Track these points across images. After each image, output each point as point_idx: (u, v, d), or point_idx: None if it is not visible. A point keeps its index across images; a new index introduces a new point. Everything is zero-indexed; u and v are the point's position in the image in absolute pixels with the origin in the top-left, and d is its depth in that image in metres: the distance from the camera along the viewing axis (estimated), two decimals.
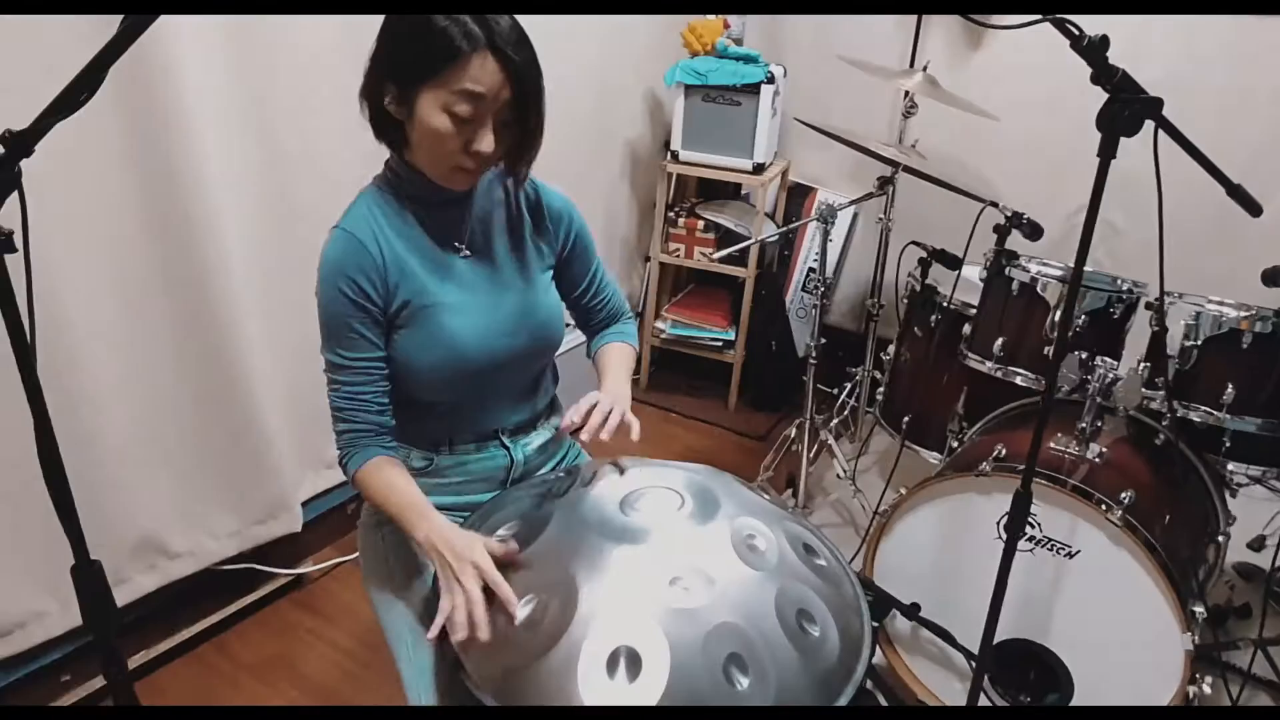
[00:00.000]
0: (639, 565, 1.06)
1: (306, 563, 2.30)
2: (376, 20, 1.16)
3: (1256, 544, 2.55)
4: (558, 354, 1.44)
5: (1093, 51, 1.20)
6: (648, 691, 0.95)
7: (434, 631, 1.04)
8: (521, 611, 1.03)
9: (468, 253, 1.27)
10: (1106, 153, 1.26)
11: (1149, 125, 1.24)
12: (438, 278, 1.23)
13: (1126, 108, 1.21)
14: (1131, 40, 2.62)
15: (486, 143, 1.13)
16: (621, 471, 1.24)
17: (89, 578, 0.97)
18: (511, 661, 1.01)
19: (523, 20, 1.16)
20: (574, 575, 1.04)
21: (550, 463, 1.46)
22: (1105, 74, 1.21)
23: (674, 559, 1.07)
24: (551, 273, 1.38)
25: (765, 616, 1.03)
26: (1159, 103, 1.22)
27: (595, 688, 0.95)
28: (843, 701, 1.02)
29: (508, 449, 1.36)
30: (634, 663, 0.97)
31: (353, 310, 1.18)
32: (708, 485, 1.20)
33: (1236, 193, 1.37)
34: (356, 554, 1.43)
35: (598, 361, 1.45)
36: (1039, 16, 1.22)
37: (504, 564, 1.08)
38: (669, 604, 1.01)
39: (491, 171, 1.27)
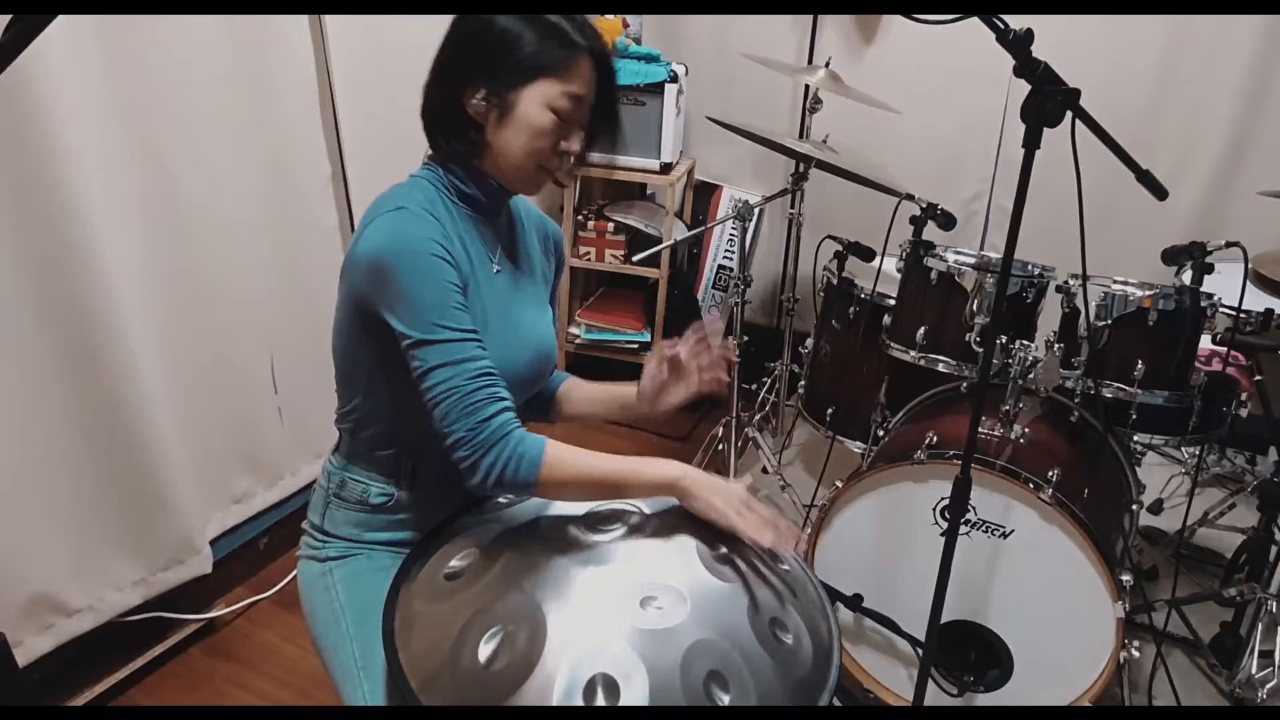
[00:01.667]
0: (607, 588, 1.01)
1: (218, 605, 2.14)
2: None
3: (1156, 508, 2.70)
4: None
5: (1017, 45, 1.22)
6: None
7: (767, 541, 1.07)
8: (486, 647, 0.97)
9: (499, 268, 1.22)
10: (1032, 143, 1.28)
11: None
12: (479, 288, 1.16)
13: (1049, 99, 1.24)
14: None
15: (576, 143, 1.15)
16: None
17: None
18: (480, 699, 0.94)
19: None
20: (540, 603, 0.99)
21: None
22: (1029, 67, 1.23)
23: (643, 579, 1.02)
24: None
25: (740, 630, 1.00)
26: (1077, 94, 1.26)
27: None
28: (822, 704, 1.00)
29: None
30: (611, 690, 0.92)
31: (454, 273, 1.07)
32: (666, 499, 1.16)
33: (1146, 178, 1.44)
34: (273, 591, 1.32)
35: (579, 397, 1.42)
36: (959, 16, 1.24)
37: (483, 575, 1.05)
38: (642, 626, 0.97)
39: None
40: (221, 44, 1.89)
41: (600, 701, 0.92)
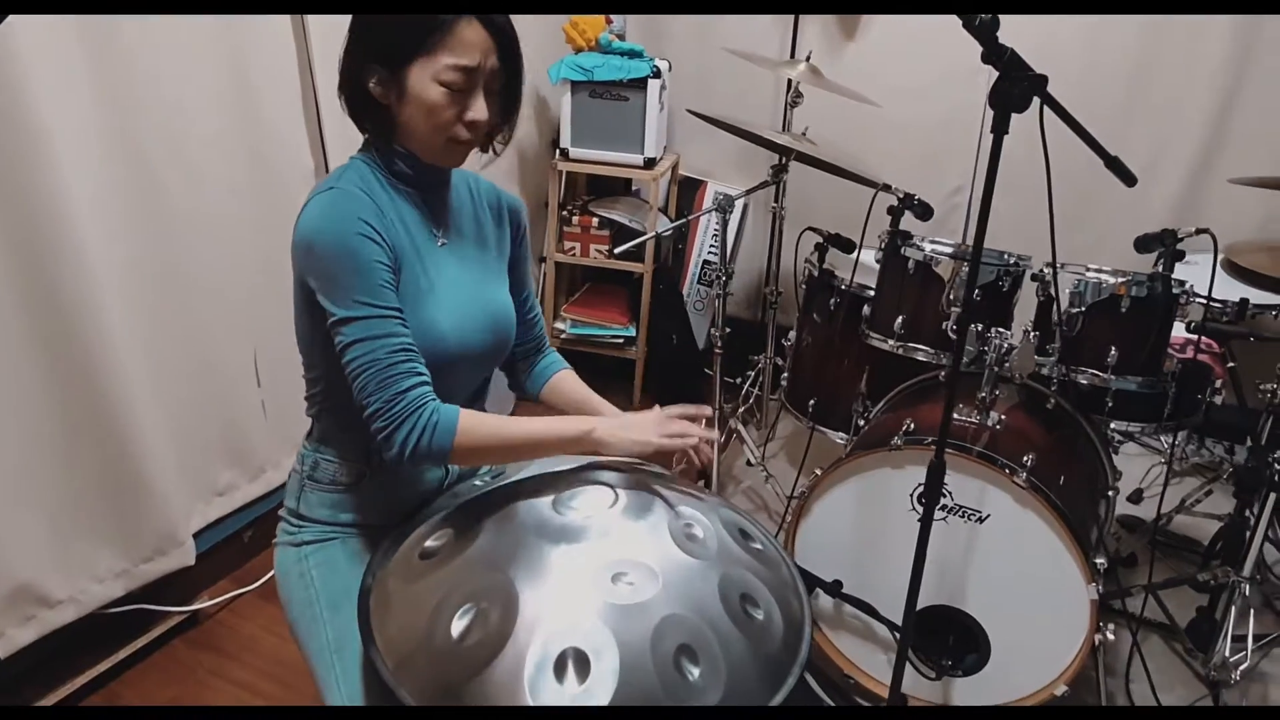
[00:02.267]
0: (579, 564, 1.03)
1: (201, 598, 2.15)
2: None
3: (1135, 497, 2.73)
4: None
5: (983, 31, 1.24)
6: (599, 692, 0.92)
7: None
8: (459, 623, 0.98)
9: (444, 241, 1.23)
10: (1000, 128, 1.30)
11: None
12: (422, 262, 1.18)
13: (1016, 85, 1.25)
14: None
15: (480, 109, 1.14)
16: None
17: None
18: (453, 676, 0.95)
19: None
20: (513, 580, 1.00)
21: (483, 469, 1.41)
22: (995, 53, 1.25)
23: (614, 555, 1.04)
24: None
25: (711, 605, 1.02)
26: (1044, 80, 1.28)
27: (545, 694, 0.92)
28: (790, 681, 1.01)
29: None
30: (582, 664, 0.94)
31: (380, 251, 1.09)
32: (639, 479, 1.17)
33: (1114, 165, 1.46)
34: (257, 584, 1.33)
35: (561, 391, 1.47)
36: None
37: (457, 554, 1.07)
38: (614, 601, 0.98)
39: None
40: (204, 41, 1.90)
41: (571, 675, 0.93)
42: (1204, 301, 1.88)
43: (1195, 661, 2.03)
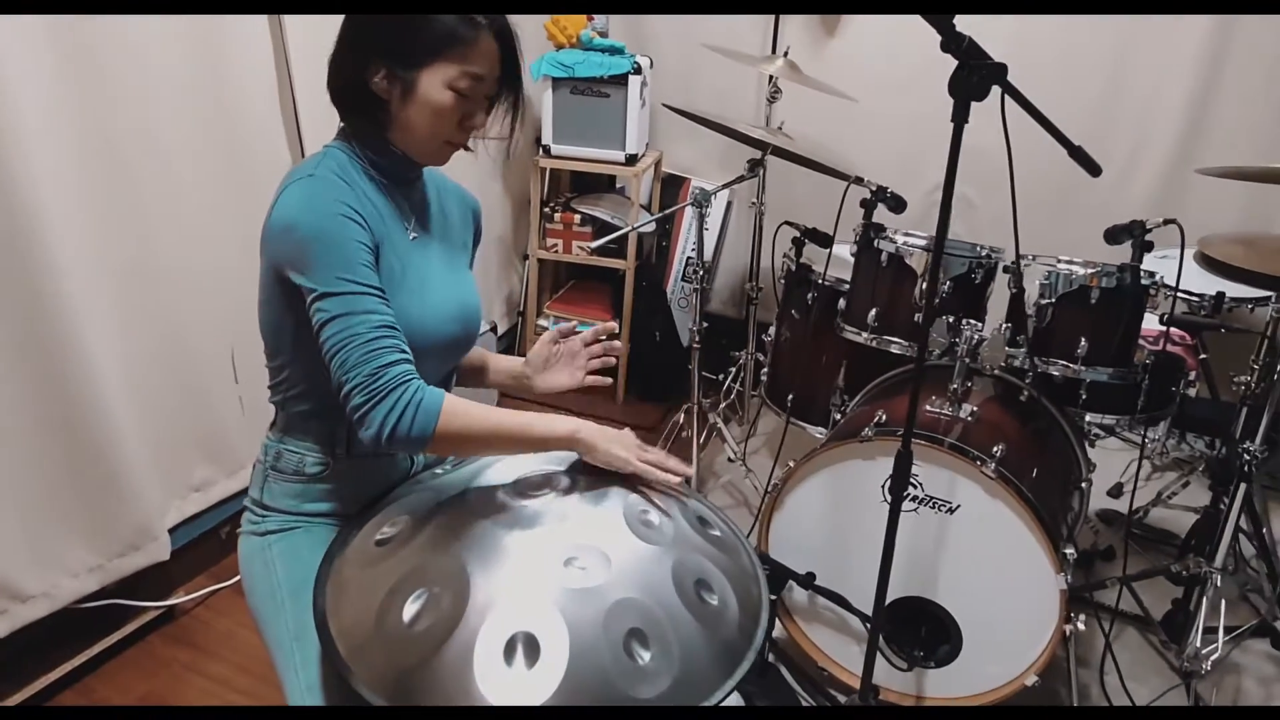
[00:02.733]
0: (532, 549, 1.03)
1: (178, 593, 2.15)
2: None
3: (1115, 491, 2.73)
4: None
5: (941, 19, 1.24)
6: (549, 675, 0.92)
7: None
8: (410, 607, 0.99)
9: (415, 235, 1.24)
10: (960, 117, 1.31)
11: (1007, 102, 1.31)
12: (398, 253, 1.19)
13: (975, 73, 1.26)
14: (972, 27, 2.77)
15: (480, 119, 1.19)
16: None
17: None
18: (404, 661, 0.96)
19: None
20: (465, 565, 1.00)
21: (448, 459, 1.41)
22: (953, 41, 1.26)
23: (568, 540, 1.04)
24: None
25: (664, 589, 1.02)
26: (1004, 68, 1.29)
27: (494, 678, 0.92)
28: (744, 667, 1.02)
29: None
30: (532, 648, 0.94)
31: (361, 231, 1.09)
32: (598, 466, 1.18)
33: (1078, 154, 1.46)
34: (234, 579, 1.34)
35: (492, 363, 1.50)
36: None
37: (412, 540, 1.07)
38: (565, 585, 0.99)
39: None
40: (179, 38, 1.90)
41: (520, 658, 0.94)
42: (1183, 295, 1.89)
43: (1170, 653, 2.03)
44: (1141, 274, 1.79)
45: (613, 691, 0.92)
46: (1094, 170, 1.48)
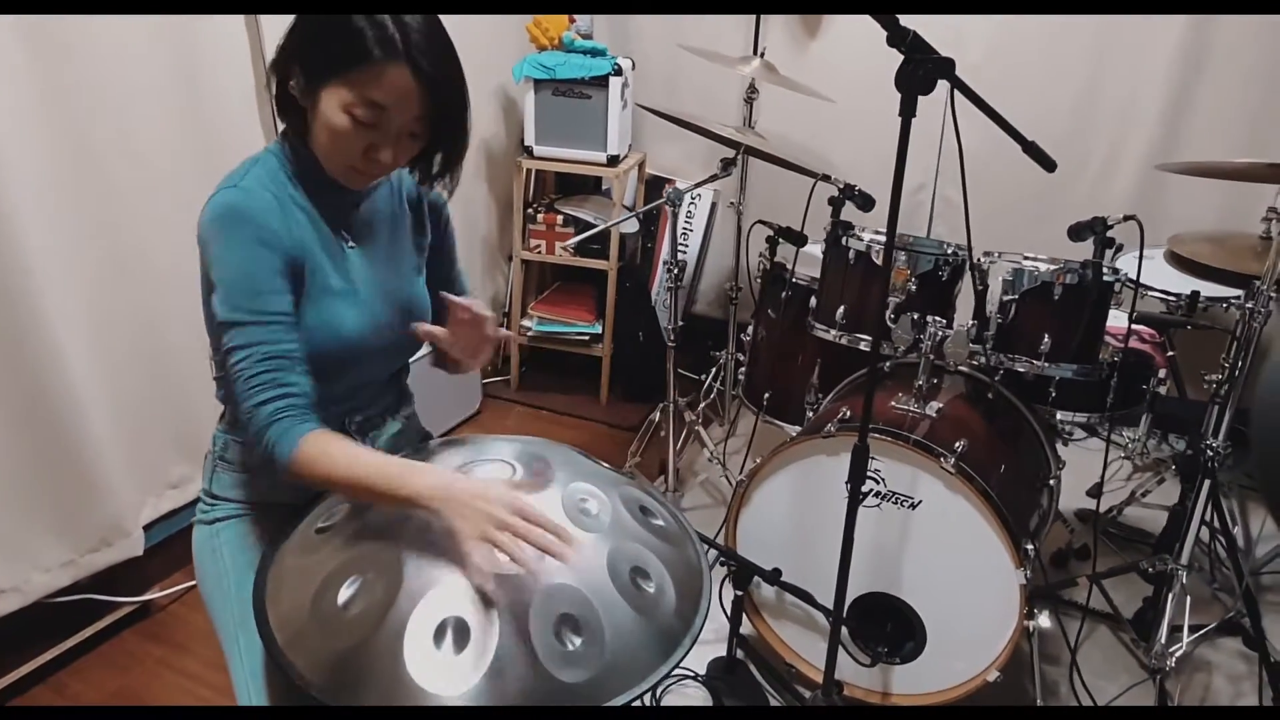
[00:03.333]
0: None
1: (153, 589, 2.16)
2: None
3: (1095, 491, 2.72)
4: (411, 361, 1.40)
5: (885, 16, 1.26)
6: (478, 659, 0.93)
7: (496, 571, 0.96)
8: (345, 592, 1.00)
9: (353, 244, 1.23)
10: (907, 111, 1.33)
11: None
12: (330, 261, 1.18)
13: (920, 67, 1.27)
14: (954, 26, 2.79)
15: (386, 155, 1.11)
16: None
17: None
18: (338, 647, 0.97)
19: None
20: (400, 553, 1.01)
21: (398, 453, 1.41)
22: (898, 36, 1.27)
23: None
24: (425, 268, 1.36)
25: (598, 576, 1.03)
26: (950, 63, 1.30)
27: (423, 661, 0.93)
28: (680, 653, 1.02)
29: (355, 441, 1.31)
30: (461, 632, 0.95)
31: (270, 256, 1.09)
32: (541, 454, 1.19)
33: (1031, 149, 1.47)
34: None
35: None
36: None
37: (349, 527, 1.08)
38: (497, 571, 0.99)
39: None
40: (153, 36, 1.92)
41: (449, 642, 0.95)
42: (1145, 291, 1.90)
43: (1139, 651, 2.03)
44: (1104, 270, 1.79)
45: (540, 674, 0.93)
46: (1049, 166, 1.48)
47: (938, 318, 1.86)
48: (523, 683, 0.93)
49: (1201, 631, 1.96)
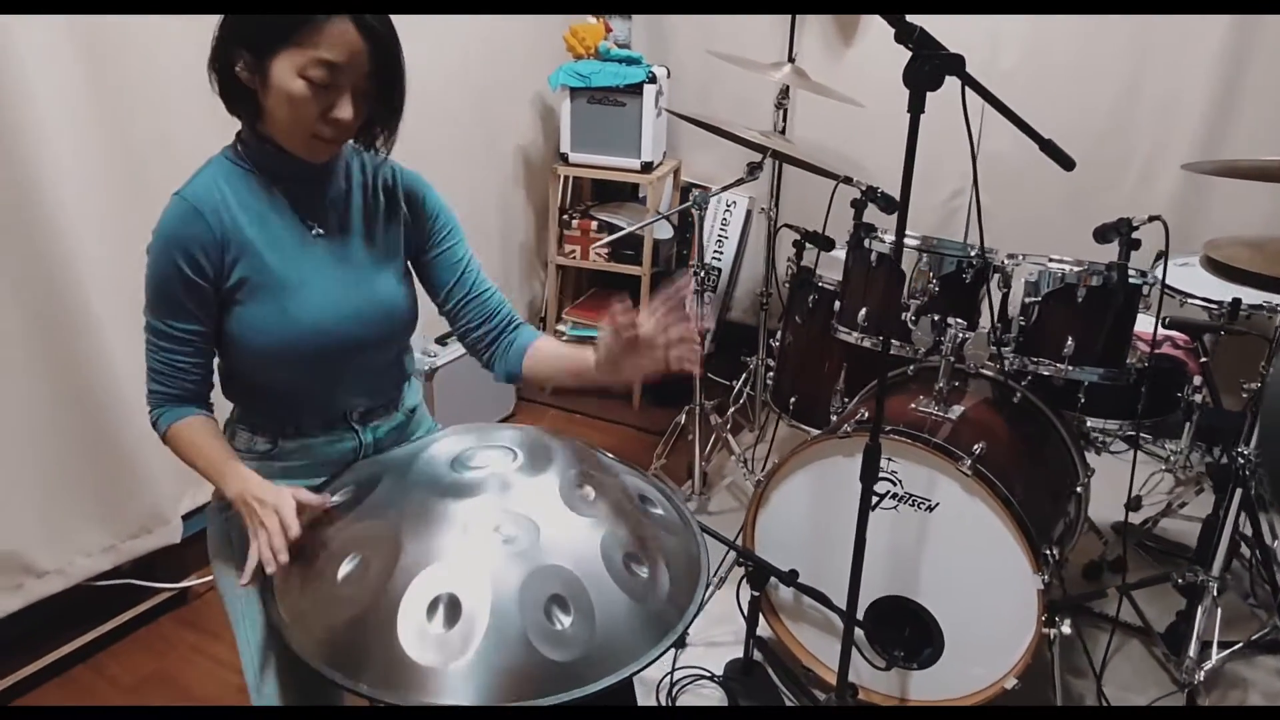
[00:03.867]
0: (464, 517, 1.06)
1: (190, 577, 2.23)
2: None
3: (1134, 504, 2.66)
4: (437, 367, 1.43)
5: (890, 12, 1.26)
6: (469, 634, 0.96)
7: (246, 577, 1.08)
8: (344, 569, 1.03)
9: (320, 232, 1.25)
10: (916, 108, 1.33)
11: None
12: (282, 255, 1.21)
13: (927, 64, 1.27)
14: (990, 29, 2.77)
15: (345, 110, 1.13)
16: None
17: None
18: (335, 620, 1.00)
19: (393, 20, 1.16)
20: (398, 531, 1.05)
21: (418, 431, 1.45)
22: (905, 32, 1.27)
23: (500, 509, 1.08)
24: (406, 261, 1.35)
25: (590, 559, 1.05)
26: (960, 59, 1.30)
27: (417, 636, 0.96)
28: (672, 637, 1.04)
29: (356, 432, 1.35)
30: (454, 608, 0.98)
31: (181, 284, 1.17)
32: (543, 441, 1.21)
33: (1048, 147, 1.46)
34: None
35: (543, 358, 1.37)
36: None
37: (353, 507, 1.13)
38: (492, 551, 1.02)
39: (350, 151, 1.28)
40: (196, 40, 2.00)
41: (441, 618, 0.97)
42: (1184, 298, 1.85)
43: (1170, 665, 1.97)
44: (1130, 273, 1.76)
45: (530, 652, 0.95)
46: (1067, 165, 1.47)
47: (959, 320, 1.84)
48: (512, 659, 0.95)
49: (1234, 647, 1.90)
